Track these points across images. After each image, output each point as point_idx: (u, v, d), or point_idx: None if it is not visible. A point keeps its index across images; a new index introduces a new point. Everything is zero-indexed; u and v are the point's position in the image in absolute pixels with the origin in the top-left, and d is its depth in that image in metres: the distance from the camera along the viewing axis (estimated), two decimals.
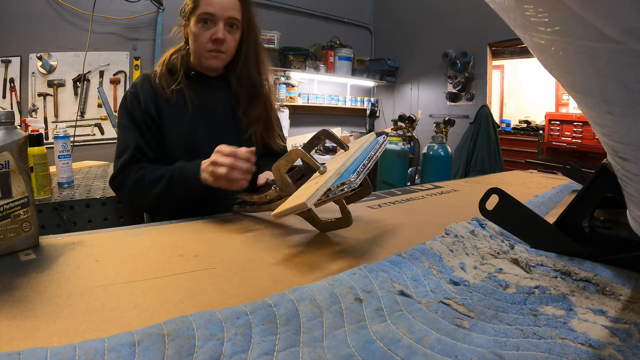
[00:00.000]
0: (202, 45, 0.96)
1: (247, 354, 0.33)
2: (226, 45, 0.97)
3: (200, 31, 0.95)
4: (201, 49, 0.97)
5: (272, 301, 0.40)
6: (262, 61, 1.06)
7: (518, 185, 1.28)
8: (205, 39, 0.95)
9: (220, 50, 0.97)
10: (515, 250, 0.59)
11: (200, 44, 0.96)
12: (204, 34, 0.95)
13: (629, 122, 0.27)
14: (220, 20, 0.94)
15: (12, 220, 0.56)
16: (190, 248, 0.62)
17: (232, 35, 0.97)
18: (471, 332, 0.38)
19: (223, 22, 0.95)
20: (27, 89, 2.86)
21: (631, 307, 0.42)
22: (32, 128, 1.38)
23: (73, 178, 1.41)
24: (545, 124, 3.68)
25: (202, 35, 0.95)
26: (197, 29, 0.95)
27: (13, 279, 0.48)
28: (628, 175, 0.33)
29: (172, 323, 0.36)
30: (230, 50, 0.99)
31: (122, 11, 3.08)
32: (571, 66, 0.26)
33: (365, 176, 0.63)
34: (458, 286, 0.48)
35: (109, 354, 0.32)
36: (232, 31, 0.97)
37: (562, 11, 0.21)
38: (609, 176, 0.53)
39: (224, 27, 0.95)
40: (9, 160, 0.55)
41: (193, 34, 0.96)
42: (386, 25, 4.80)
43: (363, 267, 0.50)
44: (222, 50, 0.97)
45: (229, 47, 0.98)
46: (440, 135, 2.96)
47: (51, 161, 1.24)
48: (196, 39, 0.96)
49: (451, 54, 3.88)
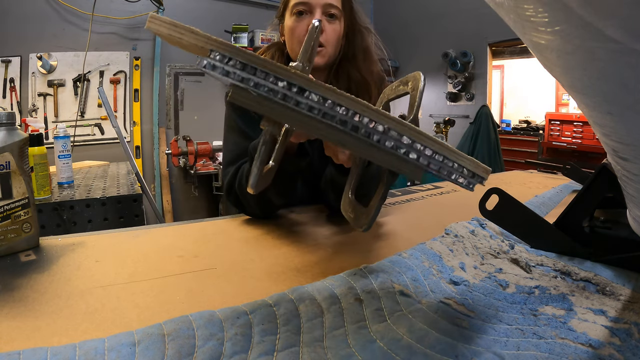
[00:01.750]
0: (299, 38, 0.84)
1: (247, 354, 0.33)
2: (325, 37, 0.84)
3: (295, 23, 0.84)
4: (298, 44, 0.85)
5: (272, 301, 0.40)
6: (372, 60, 0.92)
7: (518, 185, 1.28)
8: (302, 31, 0.84)
9: (319, 42, 0.83)
10: (515, 250, 0.59)
11: (296, 37, 0.85)
12: (299, 25, 0.84)
13: (629, 122, 0.27)
14: (317, 9, 0.83)
15: (12, 221, 0.56)
16: (190, 248, 0.62)
17: (332, 25, 0.85)
18: (471, 332, 0.38)
19: (320, 10, 0.83)
20: (27, 89, 2.86)
21: (631, 307, 0.42)
22: (32, 128, 1.38)
23: (73, 178, 1.41)
24: (545, 124, 3.67)
25: (297, 26, 0.84)
26: (292, 22, 0.85)
27: (13, 279, 0.49)
28: (628, 175, 0.33)
29: (172, 323, 0.36)
30: (331, 44, 0.86)
31: (122, 11, 3.08)
32: (571, 66, 0.26)
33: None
34: (458, 286, 0.48)
35: (109, 354, 0.32)
36: (331, 21, 0.85)
37: (562, 11, 0.21)
38: (609, 176, 0.53)
39: (321, 15, 0.84)
40: (10, 161, 0.55)
41: (288, 29, 0.86)
42: (386, 25, 4.80)
43: (363, 267, 0.50)
44: (321, 43, 0.84)
45: (329, 39, 0.85)
46: (441, 135, 2.96)
47: (51, 161, 1.24)
48: (291, 32, 0.85)
49: (451, 54, 3.88)
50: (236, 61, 0.28)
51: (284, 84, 0.29)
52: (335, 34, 0.85)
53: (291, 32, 0.85)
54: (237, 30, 3.35)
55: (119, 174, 1.71)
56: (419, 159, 0.32)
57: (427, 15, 4.22)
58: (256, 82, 0.28)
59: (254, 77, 0.28)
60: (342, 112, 0.30)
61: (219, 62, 0.28)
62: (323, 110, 0.30)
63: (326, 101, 0.30)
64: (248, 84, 0.28)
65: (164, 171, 3.39)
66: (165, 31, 0.29)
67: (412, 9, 4.39)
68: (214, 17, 3.48)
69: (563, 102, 4.64)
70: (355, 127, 0.30)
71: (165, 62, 3.35)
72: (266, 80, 0.28)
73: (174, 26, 0.29)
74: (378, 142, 0.31)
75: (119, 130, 1.70)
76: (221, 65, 0.28)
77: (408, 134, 0.31)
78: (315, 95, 0.29)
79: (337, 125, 0.30)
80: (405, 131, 0.31)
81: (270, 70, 0.29)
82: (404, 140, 0.31)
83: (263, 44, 3.30)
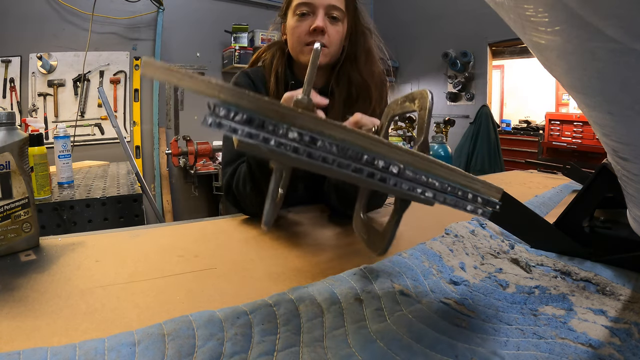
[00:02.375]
0: (300, 38, 0.83)
1: (247, 354, 0.33)
2: (327, 38, 0.83)
3: (297, 23, 0.83)
4: (299, 43, 0.84)
5: (272, 301, 0.40)
6: (374, 61, 0.90)
7: (518, 185, 1.28)
8: (303, 31, 0.83)
9: (321, 43, 0.81)
10: (515, 250, 0.59)
11: (297, 37, 0.84)
12: (301, 26, 0.83)
13: (629, 122, 0.27)
14: (320, 9, 0.82)
15: (12, 221, 0.56)
16: (190, 248, 0.62)
17: (335, 26, 0.84)
18: (471, 332, 0.38)
19: (323, 11, 0.82)
20: (27, 89, 2.86)
21: (631, 307, 0.42)
22: (32, 128, 1.38)
23: (73, 178, 1.41)
24: (545, 124, 3.67)
25: (299, 26, 0.83)
26: (294, 21, 0.84)
27: (13, 279, 0.49)
28: (628, 175, 0.33)
29: (172, 323, 0.36)
30: (334, 45, 0.84)
31: (122, 11, 3.08)
32: (571, 66, 0.26)
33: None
34: (458, 286, 0.48)
35: (109, 354, 0.32)
36: (334, 22, 0.84)
37: (562, 11, 0.21)
38: (609, 176, 0.53)
39: (324, 16, 0.82)
40: (10, 161, 0.55)
41: (290, 28, 0.85)
42: (386, 25, 4.80)
43: (363, 267, 0.50)
44: (324, 43, 0.82)
45: (332, 40, 0.83)
46: (440, 135, 2.96)
47: (51, 161, 1.24)
48: (293, 32, 0.84)
49: (451, 54, 3.88)
50: (242, 115, 0.26)
51: (294, 135, 0.27)
52: (338, 35, 0.84)
53: (293, 31, 0.84)
54: (237, 30, 3.35)
55: (119, 174, 1.71)
56: (435, 196, 0.31)
57: (427, 15, 4.22)
58: (265, 137, 0.26)
59: (263, 132, 0.26)
60: (356, 161, 0.29)
61: (224, 119, 0.26)
62: (337, 161, 0.29)
63: (340, 149, 0.29)
64: (257, 139, 0.26)
65: (164, 171, 3.39)
66: (161, 77, 0.27)
67: (412, 9, 4.39)
68: (214, 17, 3.48)
69: (563, 102, 4.63)
70: (371, 173, 0.30)
71: (165, 62, 3.35)
72: (275, 135, 0.27)
73: (169, 71, 0.26)
74: (395, 185, 0.30)
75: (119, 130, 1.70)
76: (228, 123, 0.26)
77: (424, 173, 0.30)
78: (329, 144, 0.28)
79: (351, 173, 0.29)
80: (421, 170, 0.30)
81: (279, 119, 0.27)
82: (420, 179, 0.30)
83: (263, 43, 3.29)
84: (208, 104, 0.25)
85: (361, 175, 0.29)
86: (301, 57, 0.85)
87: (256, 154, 0.30)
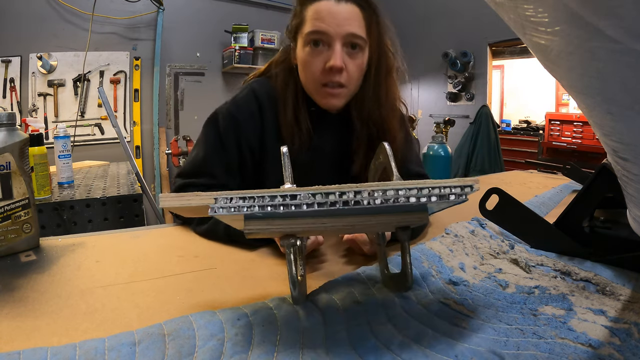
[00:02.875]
0: (314, 76, 0.70)
1: (247, 354, 0.33)
2: (347, 76, 0.69)
3: (309, 57, 0.69)
4: (313, 82, 0.71)
5: (273, 304, 0.40)
6: (394, 89, 0.78)
7: (518, 185, 1.28)
8: (318, 68, 0.69)
9: (339, 83, 0.69)
10: (515, 250, 0.59)
11: (311, 74, 0.70)
12: (314, 61, 0.69)
13: (629, 122, 0.27)
14: (336, 40, 0.67)
15: (12, 222, 0.56)
16: (190, 249, 0.62)
17: (355, 59, 0.69)
18: (471, 332, 0.38)
19: (340, 42, 0.67)
20: (27, 89, 2.85)
21: (631, 307, 0.42)
22: (32, 128, 1.38)
23: (73, 178, 1.41)
24: (545, 124, 3.67)
25: (312, 62, 0.69)
26: (306, 54, 0.69)
27: (13, 279, 0.49)
28: (628, 175, 0.33)
29: (173, 323, 0.36)
30: (353, 82, 0.71)
31: (122, 11, 3.08)
32: (571, 66, 0.26)
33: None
34: (457, 286, 0.48)
35: (110, 354, 0.32)
36: (354, 54, 0.69)
37: (562, 11, 0.22)
38: (609, 176, 0.53)
39: (341, 48, 0.68)
40: (10, 162, 0.55)
41: (301, 61, 0.71)
42: None
43: (362, 269, 0.50)
44: (342, 83, 0.69)
45: (351, 77, 0.70)
46: (440, 135, 2.96)
47: (51, 161, 1.24)
48: (305, 66, 0.70)
49: (451, 54, 3.88)
50: (237, 199, 0.33)
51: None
52: (358, 69, 0.71)
53: (305, 66, 0.71)
54: (237, 30, 3.35)
55: (119, 174, 1.71)
56: (419, 200, 0.34)
57: (427, 15, 4.22)
58: (261, 205, 0.33)
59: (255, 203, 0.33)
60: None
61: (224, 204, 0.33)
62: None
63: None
64: (252, 210, 0.33)
65: (164, 171, 3.39)
66: (177, 204, 0.34)
67: (412, 9, 4.39)
68: (214, 17, 3.48)
69: (563, 102, 4.63)
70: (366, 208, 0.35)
71: (165, 62, 3.35)
72: (264, 210, 0.33)
73: (180, 197, 0.33)
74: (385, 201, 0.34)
75: (119, 130, 1.70)
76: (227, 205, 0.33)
77: (404, 189, 0.34)
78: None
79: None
80: (397, 190, 0.34)
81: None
82: (401, 194, 0.34)
83: (263, 44, 3.29)
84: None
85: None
86: (316, 97, 0.73)
87: (260, 233, 0.37)
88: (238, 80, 3.70)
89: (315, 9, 0.68)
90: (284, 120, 0.73)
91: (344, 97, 0.72)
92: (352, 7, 0.68)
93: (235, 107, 0.74)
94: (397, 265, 0.50)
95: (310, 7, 0.69)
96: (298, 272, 0.40)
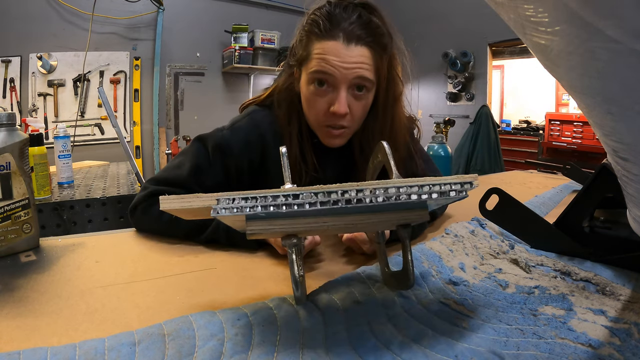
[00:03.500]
0: (317, 116, 0.68)
1: (247, 354, 0.33)
2: (350, 118, 0.67)
3: (313, 96, 0.67)
4: (316, 121, 0.69)
5: (273, 304, 0.40)
6: (401, 116, 0.75)
7: (518, 185, 1.28)
8: (321, 109, 0.67)
9: (341, 125, 0.68)
10: (515, 250, 0.59)
11: (314, 112, 0.68)
12: (318, 101, 0.66)
13: (629, 122, 0.27)
14: (342, 84, 0.64)
15: (12, 222, 0.56)
16: (190, 248, 0.62)
17: (360, 100, 0.67)
18: (471, 332, 0.38)
19: (346, 86, 0.64)
20: (27, 89, 2.86)
21: (631, 307, 0.42)
22: (32, 128, 1.38)
23: (73, 178, 1.41)
24: (545, 124, 3.67)
25: (316, 102, 0.67)
26: (310, 93, 0.67)
27: (13, 279, 0.49)
28: (628, 175, 0.33)
29: (173, 323, 0.36)
30: (356, 122, 0.70)
31: (122, 11, 3.08)
32: (571, 66, 0.26)
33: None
34: (457, 286, 0.48)
35: (109, 354, 0.32)
36: (359, 96, 0.66)
37: (562, 11, 0.21)
38: (609, 176, 0.53)
39: (347, 92, 0.65)
40: (10, 162, 0.55)
41: (305, 98, 0.69)
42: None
43: (362, 269, 0.50)
44: (345, 126, 0.68)
45: (355, 118, 0.68)
46: (441, 135, 2.96)
47: (51, 161, 1.24)
48: (309, 104, 0.68)
49: (451, 54, 3.88)
50: (240, 199, 0.33)
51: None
52: (363, 109, 0.69)
53: (307, 102, 0.69)
54: (237, 30, 3.35)
55: (119, 174, 1.71)
56: (420, 197, 0.34)
57: (427, 15, 4.21)
58: (263, 205, 0.34)
59: (258, 203, 0.34)
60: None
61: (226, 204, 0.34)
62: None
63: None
64: (255, 210, 0.33)
65: None
66: (178, 205, 0.34)
67: (412, 9, 4.39)
68: (214, 17, 3.48)
69: (563, 102, 4.63)
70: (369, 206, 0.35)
71: (165, 62, 3.35)
72: (267, 209, 0.34)
73: (181, 199, 0.34)
74: (387, 199, 0.34)
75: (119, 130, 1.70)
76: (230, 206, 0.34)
77: (406, 186, 0.34)
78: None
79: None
80: (397, 188, 0.34)
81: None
82: (402, 192, 0.34)
83: (263, 44, 3.29)
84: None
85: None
86: (319, 134, 0.71)
87: (262, 233, 0.38)
88: (238, 80, 3.71)
89: (323, 47, 0.64)
90: (291, 149, 0.71)
91: (347, 136, 0.71)
92: (362, 49, 0.64)
93: (230, 134, 0.71)
94: (397, 264, 0.50)
95: (318, 44, 0.65)
96: (299, 273, 0.41)
